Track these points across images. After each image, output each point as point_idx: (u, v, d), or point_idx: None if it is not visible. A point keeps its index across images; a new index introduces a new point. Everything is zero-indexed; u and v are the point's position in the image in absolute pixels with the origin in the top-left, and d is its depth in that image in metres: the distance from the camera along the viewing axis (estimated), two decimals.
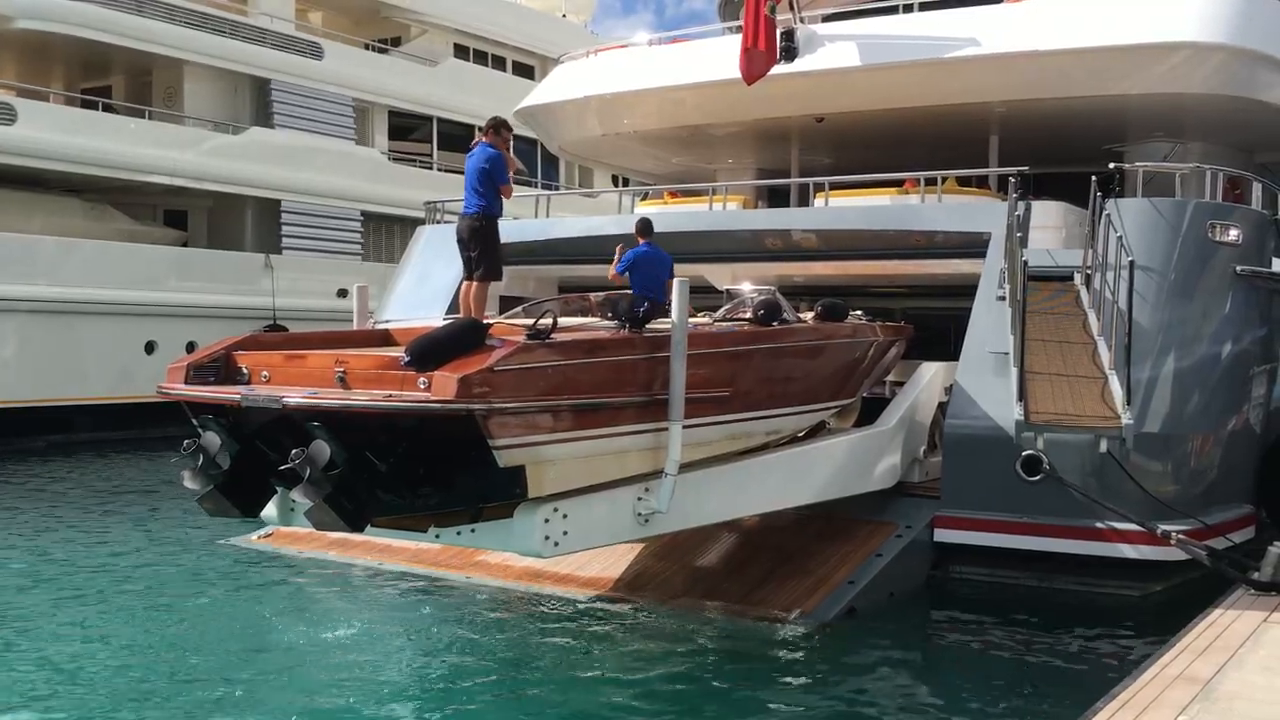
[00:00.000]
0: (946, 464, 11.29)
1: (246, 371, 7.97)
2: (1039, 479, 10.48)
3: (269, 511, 8.12)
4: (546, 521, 7.54)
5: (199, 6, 25.55)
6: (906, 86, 14.65)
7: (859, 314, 11.66)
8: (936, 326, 13.60)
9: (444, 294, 14.24)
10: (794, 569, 10.32)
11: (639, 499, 8.22)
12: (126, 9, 23.98)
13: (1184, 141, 15.70)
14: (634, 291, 9.90)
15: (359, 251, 28.48)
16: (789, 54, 14.63)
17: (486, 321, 8.26)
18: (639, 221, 10.76)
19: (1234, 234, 12.04)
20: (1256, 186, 13.77)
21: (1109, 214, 11.09)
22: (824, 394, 10.54)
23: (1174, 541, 9.82)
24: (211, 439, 7.39)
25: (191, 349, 19.06)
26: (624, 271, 10.24)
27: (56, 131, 22.54)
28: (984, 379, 11.11)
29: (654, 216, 11.58)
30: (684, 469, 8.34)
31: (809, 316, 11.11)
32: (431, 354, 7.05)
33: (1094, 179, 12.04)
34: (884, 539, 10.75)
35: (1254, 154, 16.51)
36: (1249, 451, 12.09)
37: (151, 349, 22.99)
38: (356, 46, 29.83)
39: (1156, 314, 11.25)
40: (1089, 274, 11.57)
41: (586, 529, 7.88)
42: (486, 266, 9.61)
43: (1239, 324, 11.95)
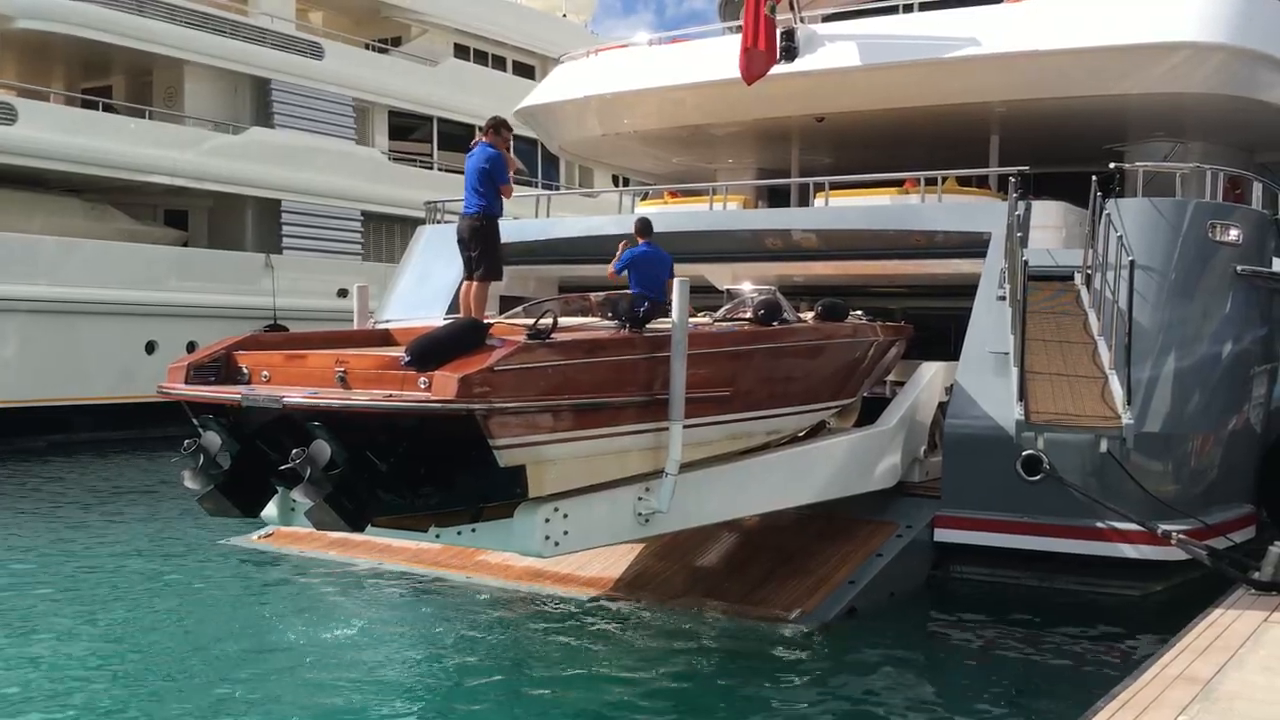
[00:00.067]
0: (947, 464, 11.30)
1: (247, 371, 7.97)
2: (1039, 479, 10.48)
3: (269, 511, 8.13)
4: (547, 521, 7.54)
5: (199, 6, 25.53)
6: (906, 86, 14.66)
7: (859, 314, 11.66)
8: (936, 326, 13.61)
9: (444, 294, 14.25)
10: (794, 569, 10.32)
11: (639, 499, 8.22)
12: (127, 9, 23.97)
13: (1184, 141, 15.71)
14: (632, 291, 9.90)
15: (359, 251, 28.46)
16: (789, 54, 14.64)
17: (487, 321, 8.26)
18: (638, 221, 10.77)
19: (1234, 234, 12.05)
20: (1257, 186, 13.76)
21: (1109, 214, 11.10)
22: (824, 394, 10.54)
23: (1174, 541, 9.82)
24: (212, 439, 7.40)
25: (192, 349, 19.06)
26: (622, 270, 10.24)
27: (57, 131, 22.53)
28: (984, 379, 11.11)
29: (654, 216, 11.60)
30: (684, 469, 8.34)
31: (809, 316, 11.11)
32: (432, 354, 7.05)
33: (1094, 179, 12.04)
34: (884, 539, 10.76)
35: (1254, 154, 16.51)
36: (1249, 451, 12.09)
37: (152, 349, 22.99)
38: (357, 46, 29.81)
39: (1157, 314, 11.26)
40: (1089, 274, 11.57)
41: (587, 529, 7.88)
42: (487, 266, 9.62)
43: (1239, 324, 11.96)
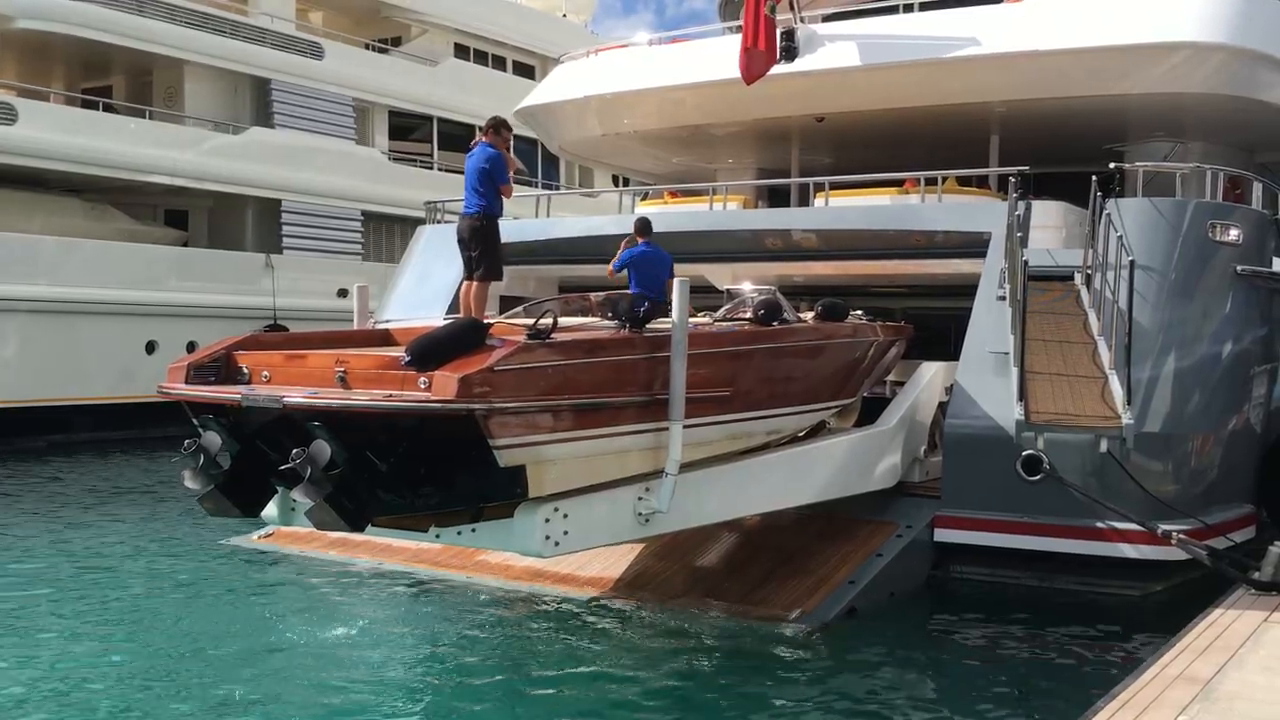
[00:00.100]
0: (947, 464, 11.30)
1: (247, 371, 7.97)
2: (1039, 479, 10.48)
3: (269, 511, 8.12)
4: (547, 521, 7.54)
5: (199, 6, 25.52)
6: (906, 86, 14.66)
7: (859, 314, 11.65)
8: (936, 326, 13.60)
9: (444, 294, 14.25)
10: (794, 569, 10.32)
11: (640, 499, 8.21)
12: (127, 9, 23.96)
13: (1184, 141, 15.71)
14: (632, 291, 9.90)
15: (359, 251, 28.45)
16: (789, 54, 14.63)
17: (487, 321, 8.26)
18: (638, 221, 10.77)
19: (1234, 234, 12.05)
20: (1257, 186, 13.76)
21: (1109, 214, 11.09)
22: (824, 394, 10.54)
23: (1174, 541, 9.81)
24: (212, 439, 7.39)
25: (192, 349, 19.05)
26: (621, 270, 10.24)
27: (57, 131, 22.52)
28: (984, 379, 11.11)
29: (654, 216, 11.62)
30: (684, 469, 8.34)
31: (809, 316, 11.10)
32: (432, 354, 7.05)
33: (1094, 179, 12.04)
34: (884, 539, 10.76)
35: (1254, 154, 16.51)
36: (1249, 451, 12.09)
37: (152, 349, 22.98)
38: (357, 46, 29.80)
39: (1157, 314, 11.25)
40: (1089, 274, 11.57)
41: (587, 529, 7.88)
42: (487, 266, 9.62)
43: (1239, 324, 11.96)
